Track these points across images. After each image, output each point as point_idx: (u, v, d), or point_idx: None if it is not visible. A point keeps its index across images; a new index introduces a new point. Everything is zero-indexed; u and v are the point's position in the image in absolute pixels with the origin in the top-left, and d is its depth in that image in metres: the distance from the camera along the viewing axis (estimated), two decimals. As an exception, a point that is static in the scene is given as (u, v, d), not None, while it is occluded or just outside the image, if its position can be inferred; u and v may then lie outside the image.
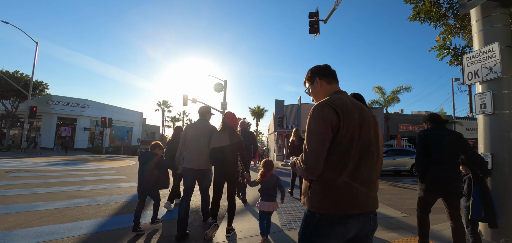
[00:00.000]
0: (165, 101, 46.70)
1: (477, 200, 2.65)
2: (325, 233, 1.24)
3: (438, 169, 2.67)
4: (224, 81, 23.91)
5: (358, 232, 1.28)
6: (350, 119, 1.26)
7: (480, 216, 2.65)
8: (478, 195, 2.65)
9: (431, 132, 2.81)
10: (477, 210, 2.66)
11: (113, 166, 11.34)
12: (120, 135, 36.51)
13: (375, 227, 1.34)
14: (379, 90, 24.02)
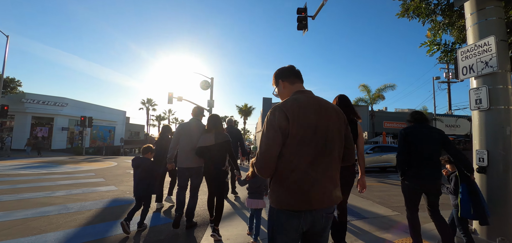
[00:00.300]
0: (150, 99, 45.37)
1: (464, 197, 2.65)
2: (283, 226, 1.33)
3: (419, 166, 2.65)
4: (211, 78, 23.41)
5: (311, 227, 1.34)
6: (301, 120, 1.31)
7: (469, 214, 2.63)
8: (465, 193, 2.65)
9: (412, 129, 2.79)
10: (466, 207, 2.64)
11: (92, 168, 10.66)
12: (102, 135, 34.96)
13: (327, 224, 1.39)
14: (364, 88, 24.40)
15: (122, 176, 8.53)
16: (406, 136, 2.76)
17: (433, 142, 2.69)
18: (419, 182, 2.68)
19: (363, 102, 25.36)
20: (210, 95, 22.53)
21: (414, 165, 2.69)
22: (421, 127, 2.79)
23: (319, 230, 1.37)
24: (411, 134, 2.75)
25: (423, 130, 2.75)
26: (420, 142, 2.69)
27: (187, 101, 22.41)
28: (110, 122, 36.45)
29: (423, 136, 2.72)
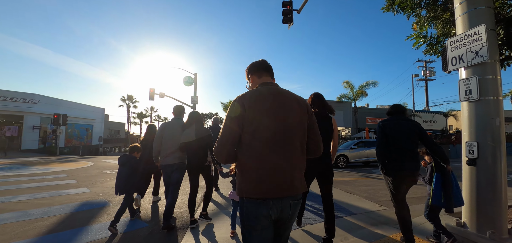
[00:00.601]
0: (131, 96, 43.49)
1: (437, 186, 2.74)
2: (252, 214, 1.36)
3: (399, 158, 2.68)
4: (194, 74, 22.76)
5: (279, 215, 1.37)
6: (258, 107, 1.37)
7: (440, 202, 2.73)
8: (438, 182, 2.74)
9: (389, 121, 2.81)
10: (437, 196, 2.74)
11: (64, 169, 9.89)
12: (78, 133, 33.07)
13: (295, 211, 1.42)
14: (348, 84, 24.84)
15: (96, 177, 7.94)
16: (383, 128, 2.78)
17: (410, 134, 2.72)
18: (399, 173, 2.69)
19: (347, 99, 25.84)
20: (193, 92, 21.91)
21: (393, 157, 2.70)
22: (398, 119, 2.81)
23: (286, 217, 1.41)
24: (388, 127, 2.77)
25: (400, 122, 2.78)
26: (398, 134, 2.71)
27: (169, 98, 21.70)
28: (87, 120, 34.58)
29: (401, 128, 2.74)
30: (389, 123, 2.80)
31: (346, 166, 12.39)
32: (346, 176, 9.10)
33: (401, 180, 2.72)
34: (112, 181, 7.25)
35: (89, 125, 35.04)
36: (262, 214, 1.34)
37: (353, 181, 7.86)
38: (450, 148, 20.45)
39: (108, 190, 5.90)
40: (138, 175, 3.72)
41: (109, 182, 7.01)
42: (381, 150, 2.78)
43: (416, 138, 2.74)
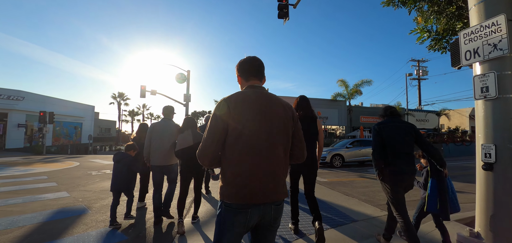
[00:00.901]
0: (122, 93, 42.46)
1: (433, 192, 2.66)
2: (228, 220, 1.33)
3: (396, 162, 2.60)
4: (187, 71, 22.27)
5: (260, 220, 1.37)
6: (242, 113, 1.35)
7: (435, 209, 2.66)
8: (434, 188, 2.66)
9: (385, 124, 2.74)
10: (432, 202, 2.66)
11: (46, 170, 9.33)
12: (66, 131, 32.01)
13: (277, 215, 1.40)
14: (342, 83, 24.71)
15: (80, 179, 7.45)
16: (379, 132, 2.69)
17: (407, 136, 2.65)
18: (398, 178, 2.59)
19: (341, 97, 25.73)
20: (186, 89, 21.41)
21: (390, 161, 2.61)
22: (393, 121, 2.74)
23: (268, 221, 1.39)
24: (384, 130, 2.69)
25: (396, 124, 2.71)
26: (394, 137, 2.64)
27: (161, 95, 21.12)
28: (76, 118, 33.53)
29: (397, 130, 2.67)
30: (385, 126, 2.72)
31: (342, 166, 12.17)
32: (343, 176, 8.86)
33: (398, 184, 2.60)
34: (96, 183, 6.80)
35: (78, 123, 34.00)
36: (239, 221, 1.33)
37: (350, 182, 7.60)
38: (443, 147, 20.55)
39: (90, 194, 5.45)
40: (134, 173, 3.78)
41: (93, 185, 6.55)
42: (378, 154, 2.67)
43: (412, 141, 2.66)
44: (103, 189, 6.05)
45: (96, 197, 5.23)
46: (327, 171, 10.74)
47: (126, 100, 43.17)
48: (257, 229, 1.42)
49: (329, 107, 26.90)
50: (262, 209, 1.34)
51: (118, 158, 3.64)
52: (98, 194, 5.52)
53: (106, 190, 5.90)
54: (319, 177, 8.94)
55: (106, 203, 4.79)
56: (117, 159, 3.63)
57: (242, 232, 1.35)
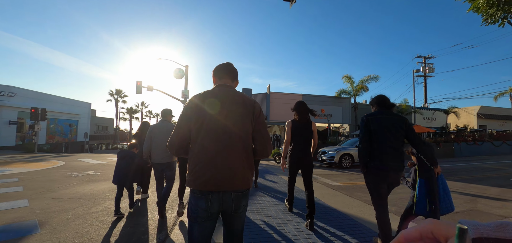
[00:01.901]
0: (119, 90, 41.39)
1: (421, 193, 2.55)
2: (194, 204, 1.49)
3: (382, 157, 2.48)
4: (185, 66, 21.29)
5: (223, 207, 1.51)
6: (205, 108, 1.53)
7: (424, 211, 2.53)
8: (422, 189, 2.54)
9: (375, 116, 2.60)
10: (421, 204, 2.53)
11: (21, 172, 8.31)
12: (61, 129, 31.05)
13: (238, 203, 1.53)
14: (348, 79, 23.62)
15: (53, 183, 6.43)
16: (367, 124, 2.57)
17: (395, 130, 2.52)
18: (383, 173, 2.49)
19: (346, 94, 24.64)
20: (184, 85, 20.41)
21: (376, 155, 2.51)
22: (384, 114, 2.59)
23: (230, 209, 1.52)
24: (373, 122, 2.56)
25: (386, 117, 2.57)
26: (382, 130, 2.51)
27: (158, 91, 20.14)
28: (72, 115, 32.57)
29: (386, 124, 2.53)
30: (374, 117, 2.58)
31: (352, 166, 11.14)
32: (357, 179, 7.82)
33: (382, 180, 2.51)
34: (71, 188, 5.79)
35: (73, 121, 33.01)
36: (201, 206, 1.46)
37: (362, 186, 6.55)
38: (454, 146, 19.50)
39: (54, 204, 4.43)
40: (136, 168, 4.17)
41: (65, 190, 5.53)
42: (364, 147, 2.56)
43: (402, 136, 2.53)
44: (75, 196, 5.03)
45: (60, 208, 4.21)
46: (337, 172, 9.71)
47: (124, 98, 42.11)
48: (223, 216, 1.58)
49: (333, 105, 25.83)
50: (222, 197, 1.48)
51: (123, 155, 4.04)
52: (64, 204, 4.50)
53: (78, 198, 4.90)
54: (330, 180, 7.90)
55: (68, 217, 3.78)
56: (122, 156, 4.02)
57: (206, 218, 1.47)
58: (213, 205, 1.46)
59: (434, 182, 2.52)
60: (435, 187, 2.52)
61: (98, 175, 7.79)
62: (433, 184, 2.51)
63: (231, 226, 1.58)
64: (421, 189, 2.55)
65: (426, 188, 2.53)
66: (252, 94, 25.20)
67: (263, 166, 11.87)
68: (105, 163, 11.20)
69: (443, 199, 2.57)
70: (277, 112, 24.14)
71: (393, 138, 2.50)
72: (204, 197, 1.45)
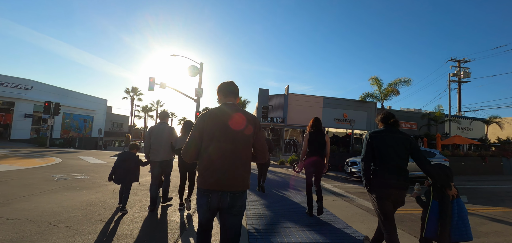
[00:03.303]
0: (135, 87, 41.35)
1: (433, 216, 2.44)
2: (199, 199, 1.88)
3: (385, 175, 2.49)
4: (200, 63, 20.13)
5: (220, 205, 1.83)
6: (214, 123, 1.88)
7: (433, 234, 2.43)
8: (435, 211, 2.44)
9: (378, 134, 2.62)
10: (431, 227, 2.44)
11: (6, 170, 7.24)
12: (76, 124, 31.09)
13: (234, 203, 1.83)
14: (375, 81, 21.40)
15: (23, 189, 5.18)
16: (370, 141, 2.60)
17: (398, 148, 2.53)
18: (385, 191, 2.49)
19: (372, 98, 22.40)
20: (198, 83, 19.22)
21: (379, 172, 2.52)
22: (388, 131, 2.62)
23: (226, 206, 1.83)
24: (376, 139, 2.58)
25: (390, 135, 2.59)
26: (385, 148, 2.54)
27: (170, 88, 19.07)
28: (88, 111, 32.60)
29: (390, 142, 2.55)
30: (378, 135, 2.60)
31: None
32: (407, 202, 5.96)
33: (385, 198, 2.49)
34: (43, 195, 4.49)
35: (89, 116, 33.05)
36: (203, 201, 1.84)
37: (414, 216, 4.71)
38: (503, 161, 16.75)
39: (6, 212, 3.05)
40: (138, 168, 4.35)
41: (27, 202, 4.23)
42: (367, 165, 2.59)
43: (406, 154, 2.53)
44: (33, 213, 3.67)
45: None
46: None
47: (140, 95, 42.03)
48: (220, 212, 1.89)
49: (357, 109, 23.67)
50: (221, 195, 1.81)
51: (124, 157, 4.23)
52: (16, 226, 3.12)
53: (32, 218, 3.52)
54: (363, 200, 6.09)
55: None
56: (123, 158, 4.21)
57: (207, 210, 1.85)
58: (212, 202, 1.83)
59: (447, 205, 2.39)
60: (448, 210, 2.38)
61: (85, 180, 6.51)
62: (445, 206, 2.39)
63: (224, 222, 1.88)
64: (434, 211, 2.45)
65: (439, 211, 2.42)
66: (269, 95, 23.65)
67: (281, 176, 10.21)
68: (105, 164, 10.04)
69: (456, 226, 2.38)
70: (295, 115, 22.39)
71: (397, 157, 2.51)
72: (206, 195, 1.84)
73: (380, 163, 2.52)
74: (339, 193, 7.18)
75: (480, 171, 15.72)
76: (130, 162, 4.21)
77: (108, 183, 6.02)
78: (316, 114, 17.81)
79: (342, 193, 7.22)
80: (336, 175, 12.20)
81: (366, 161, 2.59)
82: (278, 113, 22.52)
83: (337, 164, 14.79)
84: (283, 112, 22.53)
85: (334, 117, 23.21)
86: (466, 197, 7.61)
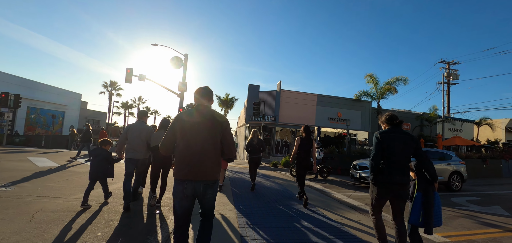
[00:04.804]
0: (114, 82, 38.24)
1: (417, 205, 2.79)
2: (175, 188, 2.20)
3: (391, 172, 2.73)
4: (185, 55, 18.13)
5: (195, 192, 2.17)
6: (186, 122, 2.23)
7: (417, 221, 2.77)
8: (418, 201, 2.78)
9: (387, 134, 2.84)
10: (415, 214, 2.78)
11: None
12: (44, 120, 27.87)
13: (205, 190, 2.19)
14: (371, 79, 20.39)
15: None
16: (381, 141, 2.79)
17: (407, 148, 2.76)
18: (390, 188, 2.76)
19: (368, 97, 21.37)
20: (182, 77, 17.19)
21: (385, 170, 2.75)
22: (395, 132, 2.84)
23: (200, 194, 2.18)
24: (386, 139, 2.79)
25: (398, 135, 2.81)
26: (393, 146, 2.75)
27: (149, 81, 16.85)
28: (58, 106, 29.41)
29: (398, 141, 2.77)
30: (387, 135, 2.83)
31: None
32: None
33: (387, 193, 2.80)
34: None
35: (60, 112, 29.83)
36: (179, 189, 2.15)
37: None
38: (502, 163, 16.14)
39: None
40: (111, 164, 4.48)
41: None
42: (376, 163, 2.82)
43: (410, 153, 2.78)
44: None
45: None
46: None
47: (119, 90, 38.95)
48: (197, 198, 2.22)
49: (351, 108, 22.58)
50: (194, 184, 2.14)
51: (97, 153, 4.37)
52: None
53: None
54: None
55: None
56: (96, 155, 4.35)
57: (183, 198, 2.15)
58: (187, 189, 2.14)
59: (430, 196, 2.73)
60: (431, 200, 2.73)
61: (2, 196, 4.52)
62: (429, 197, 2.73)
63: (202, 204, 2.27)
64: (417, 201, 2.78)
65: (422, 201, 2.76)
66: (259, 91, 21.97)
67: (281, 184, 8.61)
68: (57, 168, 7.93)
69: (435, 214, 2.77)
70: (287, 113, 20.88)
71: (402, 155, 2.75)
72: (181, 184, 2.15)
73: (387, 161, 2.76)
74: (359, 207, 5.65)
75: (481, 173, 15.00)
76: (101, 158, 4.32)
77: (34, 202, 4.15)
78: (309, 113, 17.01)
79: (362, 207, 5.69)
80: (339, 179, 10.74)
81: (376, 159, 2.81)
82: (270, 111, 20.91)
83: (336, 167, 13.42)
84: (275, 110, 20.96)
85: (328, 116, 21.98)
86: (501, 207, 6.38)
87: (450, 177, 8.88)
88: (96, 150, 4.40)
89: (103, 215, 3.83)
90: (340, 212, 4.92)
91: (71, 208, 4.00)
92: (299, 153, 5.28)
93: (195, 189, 2.13)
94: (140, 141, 4.30)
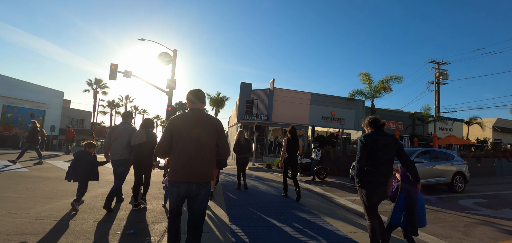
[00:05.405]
0: (99, 79, 36.51)
1: (399, 206, 2.84)
2: (170, 189, 2.26)
3: (376, 173, 2.80)
4: (173, 50, 17.24)
5: (188, 193, 2.24)
6: (181, 124, 2.29)
7: (398, 222, 2.83)
8: (401, 202, 2.83)
9: (371, 137, 2.90)
10: (396, 215, 2.84)
11: None
12: (22, 119, 26.11)
13: (199, 191, 2.25)
14: (365, 77, 20.10)
15: None
16: (366, 144, 2.86)
17: (390, 149, 2.85)
18: (374, 187, 2.82)
19: (362, 96, 21.09)
20: (171, 74, 16.29)
21: (370, 171, 2.82)
22: (379, 134, 2.92)
23: (193, 195, 2.25)
24: (370, 142, 2.85)
25: (382, 138, 2.89)
26: (377, 149, 2.83)
27: (135, 77, 15.80)
28: (38, 104, 27.67)
29: (383, 143, 2.85)
30: (371, 138, 2.88)
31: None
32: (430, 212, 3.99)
33: (374, 191, 2.82)
34: None
35: (39, 111, 28.06)
36: (173, 190, 2.23)
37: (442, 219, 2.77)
38: (495, 163, 16.15)
39: None
40: (95, 167, 4.24)
41: None
42: (362, 165, 2.87)
43: (393, 154, 2.86)
44: None
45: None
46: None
47: (105, 88, 37.24)
48: (188, 199, 2.29)
49: (345, 107, 22.26)
50: (188, 186, 2.21)
51: (80, 156, 4.13)
52: None
53: None
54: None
55: None
56: (79, 158, 4.11)
57: (177, 197, 2.24)
58: (181, 191, 2.22)
59: (414, 198, 2.79)
60: (414, 201, 2.77)
61: None
62: (413, 199, 2.78)
63: (192, 207, 2.28)
64: (400, 202, 2.83)
65: (404, 202, 2.80)
66: (252, 89, 21.30)
67: (276, 187, 7.95)
68: (26, 172, 6.97)
69: (418, 214, 2.80)
70: (281, 112, 20.28)
71: (386, 156, 2.83)
72: (176, 185, 2.22)
73: (372, 163, 2.84)
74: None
75: (476, 172, 14.91)
76: (86, 161, 4.15)
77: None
78: (303, 112, 16.68)
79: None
80: (337, 181, 10.19)
81: (361, 162, 2.87)
82: (262, 110, 20.25)
83: (332, 168, 12.91)
84: (268, 109, 20.34)
85: (321, 115, 21.55)
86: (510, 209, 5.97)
87: (453, 178, 8.48)
88: (80, 153, 4.16)
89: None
90: (348, 223, 4.31)
91: (25, 229, 3.18)
92: (288, 154, 5.67)
93: (189, 190, 2.22)
94: (123, 142, 4.31)
